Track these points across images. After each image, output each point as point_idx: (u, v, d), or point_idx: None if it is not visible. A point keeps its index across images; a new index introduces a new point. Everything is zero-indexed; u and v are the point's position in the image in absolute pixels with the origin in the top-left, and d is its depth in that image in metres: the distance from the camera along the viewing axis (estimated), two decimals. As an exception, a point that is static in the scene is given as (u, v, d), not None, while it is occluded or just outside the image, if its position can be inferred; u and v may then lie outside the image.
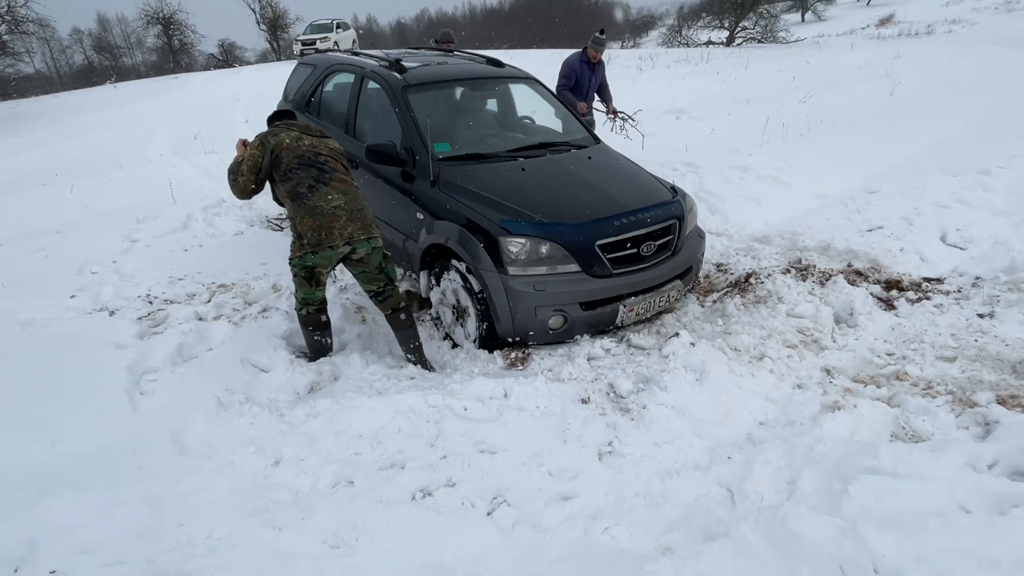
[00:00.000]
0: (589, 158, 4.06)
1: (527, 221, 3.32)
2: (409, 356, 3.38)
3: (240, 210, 5.99)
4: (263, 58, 37.30)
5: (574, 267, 3.30)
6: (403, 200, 3.87)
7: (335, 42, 22.23)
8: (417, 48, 5.70)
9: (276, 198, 3.37)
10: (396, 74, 4.13)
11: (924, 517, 1.81)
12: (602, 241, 3.33)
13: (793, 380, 3.10)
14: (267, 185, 3.29)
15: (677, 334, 3.25)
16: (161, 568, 1.96)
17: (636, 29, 56.32)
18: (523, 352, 3.36)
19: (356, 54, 4.83)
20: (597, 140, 4.45)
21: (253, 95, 15.00)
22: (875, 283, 4.12)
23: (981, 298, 3.73)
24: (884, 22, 35.92)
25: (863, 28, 35.53)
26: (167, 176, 7.47)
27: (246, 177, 3.11)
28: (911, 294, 3.91)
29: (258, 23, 32.67)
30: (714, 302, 4.01)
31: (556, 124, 4.60)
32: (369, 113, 4.36)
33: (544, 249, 3.27)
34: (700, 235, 4.01)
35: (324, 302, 3.29)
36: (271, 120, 3.47)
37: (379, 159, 3.76)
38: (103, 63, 44.12)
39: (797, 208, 5.92)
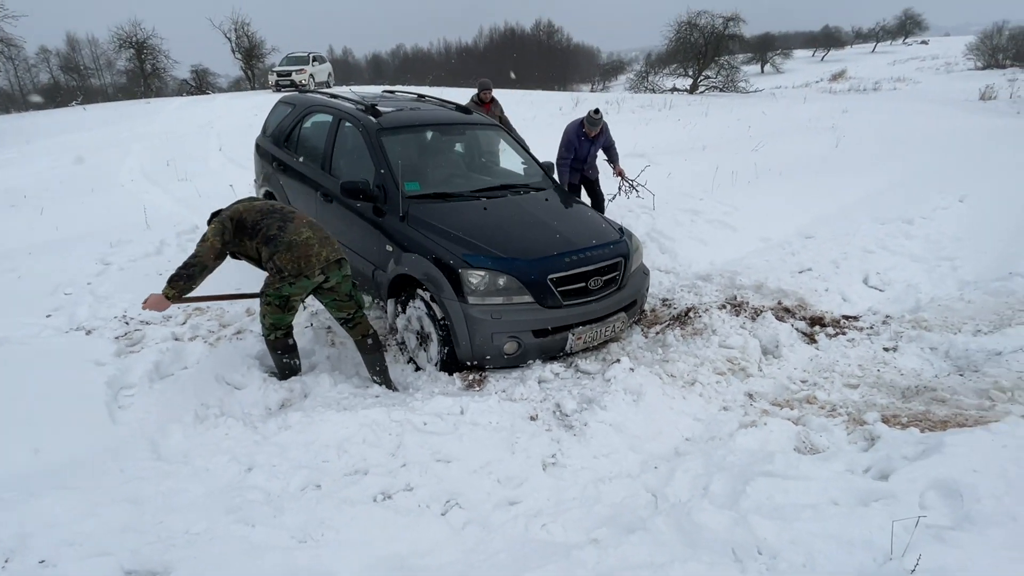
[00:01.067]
0: (546, 200, 4.46)
1: (487, 255, 3.67)
2: (375, 378, 3.66)
3: (214, 237, 6.21)
4: (236, 85, 37.57)
5: (528, 298, 3.65)
6: (374, 233, 4.19)
7: (311, 74, 22.64)
8: (392, 90, 6.09)
9: (250, 258, 3.50)
10: (372, 118, 4.50)
11: (801, 509, 2.17)
12: (554, 275, 3.70)
13: (720, 403, 3.48)
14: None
15: (618, 360, 3.62)
16: (143, 558, 2.18)
17: (606, 73, 58.50)
18: (480, 375, 3.67)
19: (334, 96, 5.19)
20: (554, 183, 4.87)
21: (227, 123, 15.22)
22: (801, 319, 4.58)
23: (889, 334, 4.21)
24: (837, 77, 38.23)
25: (817, 82, 37.77)
26: (140, 202, 7.64)
27: (211, 240, 3.27)
28: (830, 329, 4.37)
29: (233, 52, 33.01)
30: (657, 333, 4.40)
31: (517, 168, 5.02)
32: (345, 152, 4.69)
33: (501, 281, 3.62)
34: (645, 272, 4.43)
35: (291, 327, 3.55)
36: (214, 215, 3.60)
37: (353, 195, 4.10)
38: (70, 83, 43.67)
39: (742, 249, 6.41)
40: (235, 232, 3.39)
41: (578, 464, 2.90)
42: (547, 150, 8.77)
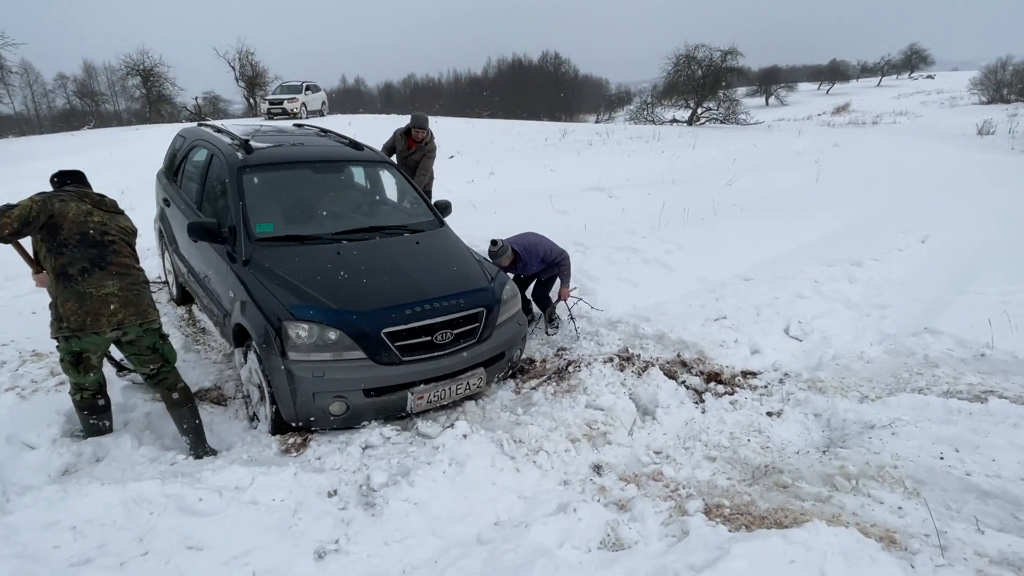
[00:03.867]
0: (417, 243, 4.15)
1: (317, 307, 3.36)
2: (185, 438, 3.32)
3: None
4: (248, 111, 38.12)
5: (359, 354, 3.32)
6: (228, 277, 3.91)
7: (303, 103, 22.83)
8: (302, 124, 5.89)
9: (37, 259, 3.08)
10: (237, 153, 4.25)
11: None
12: (389, 329, 3.37)
13: (560, 476, 3.10)
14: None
15: (452, 425, 3.26)
16: None
17: (612, 104, 58.68)
18: (302, 438, 3.33)
19: (219, 130, 4.96)
20: (441, 224, 4.56)
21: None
22: (697, 374, 4.19)
23: (780, 395, 3.81)
24: (840, 110, 37.91)
25: (820, 115, 37.48)
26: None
27: (10, 221, 2.79)
28: (721, 388, 3.98)
29: (237, 80, 33.59)
30: (532, 388, 4.04)
31: (404, 207, 4.73)
32: (212, 189, 4.45)
33: (331, 335, 3.30)
34: (520, 322, 4.08)
35: (101, 386, 3.23)
36: (60, 179, 3.26)
37: (201, 236, 3.83)
38: (85, 108, 44.71)
39: (674, 292, 6.01)
40: (46, 231, 2.90)
41: (364, 551, 2.54)
42: (511, 183, 8.46)
